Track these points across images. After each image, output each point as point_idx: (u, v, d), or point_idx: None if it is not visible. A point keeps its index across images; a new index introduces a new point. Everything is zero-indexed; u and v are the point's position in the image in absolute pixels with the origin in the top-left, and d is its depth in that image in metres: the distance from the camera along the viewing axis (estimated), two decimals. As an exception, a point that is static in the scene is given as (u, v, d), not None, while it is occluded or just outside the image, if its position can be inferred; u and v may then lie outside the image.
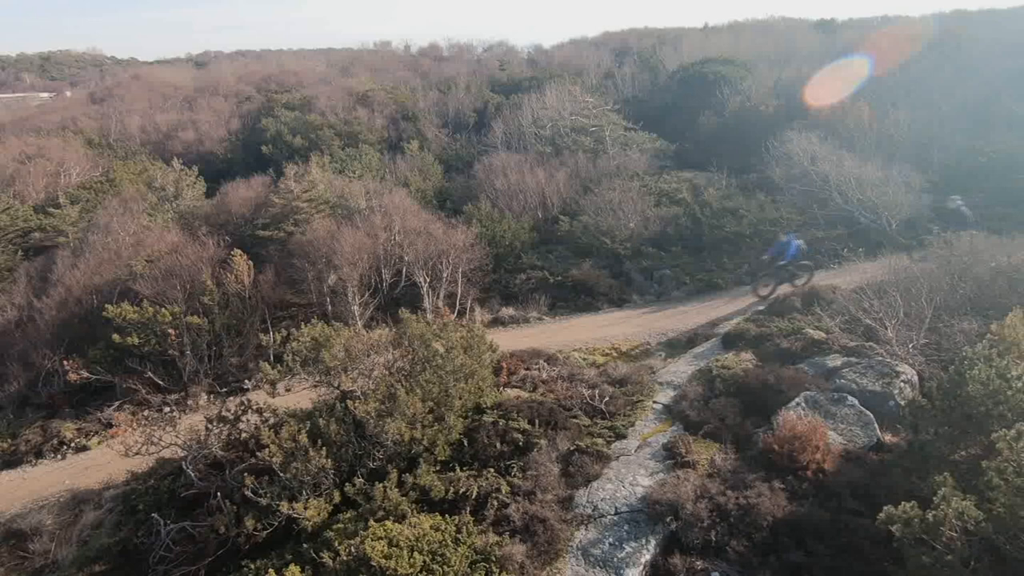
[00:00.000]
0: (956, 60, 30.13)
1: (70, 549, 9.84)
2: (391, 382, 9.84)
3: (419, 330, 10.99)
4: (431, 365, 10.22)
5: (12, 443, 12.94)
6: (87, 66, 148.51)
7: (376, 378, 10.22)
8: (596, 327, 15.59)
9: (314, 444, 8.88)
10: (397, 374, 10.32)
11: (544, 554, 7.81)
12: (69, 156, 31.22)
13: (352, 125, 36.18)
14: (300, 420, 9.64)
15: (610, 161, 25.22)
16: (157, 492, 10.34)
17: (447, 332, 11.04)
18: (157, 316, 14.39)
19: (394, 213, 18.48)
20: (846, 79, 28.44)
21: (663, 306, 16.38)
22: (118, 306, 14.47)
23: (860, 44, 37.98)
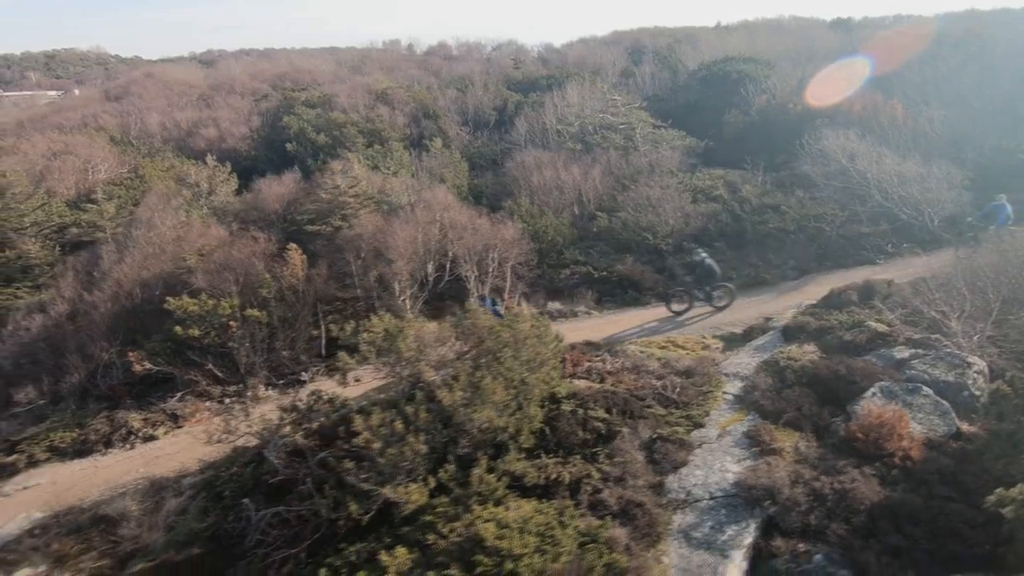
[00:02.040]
0: (980, 59, 30.31)
1: (158, 534, 10.02)
2: (471, 370, 10.00)
3: (488, 321, 11.17)
4: (504, 355, 10.39)
5: (81, 433, 13.10)
6: (92, 64, 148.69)
7: (454, 367, 10.38)
8: (646, 320, 15.76)
9: (406, 431, 9.04)
10: (469, 363, 10.47)
11: (646, 536, 7.99)
12: (95, 153, 31.36)
13: (375, 123, 36.29)
14: (384, 408, 9.80)
15: (641, 158, 25.39)
16: (241, 479, 10.51)
17: (518, 323, 11.21)
18: (217, 309, 14.57)
19: (437, 208, 18.67)
20: (848, 78, 29.00)
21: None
22: (179, 299, 14.66)
23: (877, 43, 38.30)
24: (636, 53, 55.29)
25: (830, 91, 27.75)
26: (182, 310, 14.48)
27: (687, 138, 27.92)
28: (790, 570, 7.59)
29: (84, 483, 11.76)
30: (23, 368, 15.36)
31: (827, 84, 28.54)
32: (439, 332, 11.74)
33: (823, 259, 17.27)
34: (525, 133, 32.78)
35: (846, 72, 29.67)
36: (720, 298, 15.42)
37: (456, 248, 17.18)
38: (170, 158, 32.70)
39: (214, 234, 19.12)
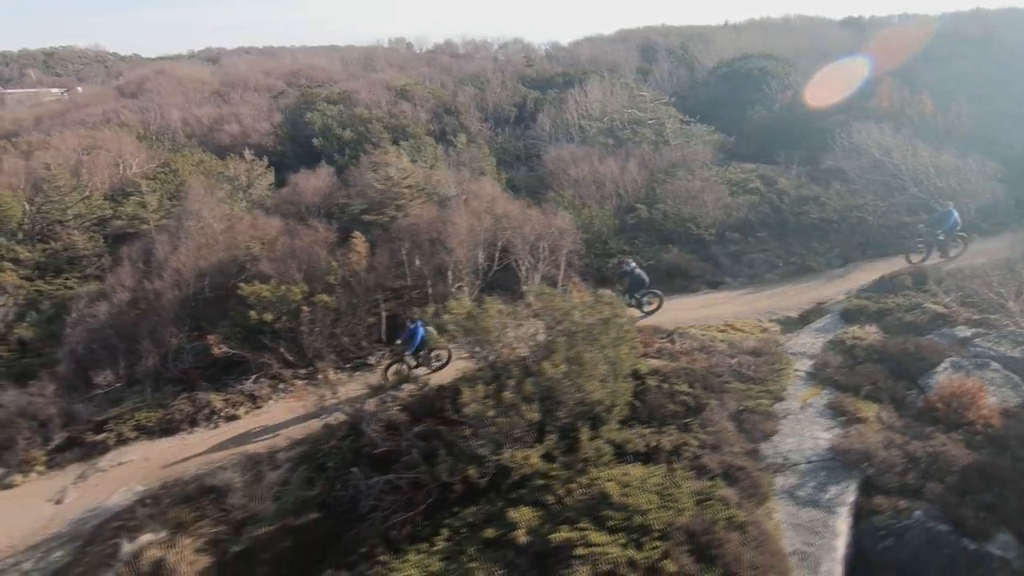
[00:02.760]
0: (998, 58, 31.09)
1: (266, 503, 10.52)
2: (568, 346, 10.53)
3: (567, 304, 11.74)
4: (597, 331, 10.93)
5: (165, 413, 13.57)
6: (91, 62, 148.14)
7: (545, 344, 10.92)
8: (700, 307, 16.33)
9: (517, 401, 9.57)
10: (563, 340, 10.99)
11: (752, 496, 8.56)
12: (124, 148, 31.78)
13: (399, 119, 36.78)
14: (487, 382, 10.33)
15: (672, 153, 25.97)
16: (340, 451, 11.03)
17: (598, 305, 11.76)
18: (288, 294, 15.07)
19: (486, 199, 19.20)
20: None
21: (760, 288, 17.14)
22: (251, 285, 15.16)
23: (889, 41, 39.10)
24: (648, 51, 55.87)
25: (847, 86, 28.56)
26: (256, 296, 14.98)
27: (715, 133, 28.50)
28: (891, 525, 8.17)
29: (178, 458, 12.23)
30: (95, 353, 15.77)
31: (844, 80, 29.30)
32: (515, 313, 12.34)
33: (866, 248, 17.88)
34: (549, 129, 33.30)
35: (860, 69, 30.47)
36: (648, 303, 15.69)
37: (510, 237, 17.68)
38: (199, 153, 33.09)
39: (261, 224, 19.52)
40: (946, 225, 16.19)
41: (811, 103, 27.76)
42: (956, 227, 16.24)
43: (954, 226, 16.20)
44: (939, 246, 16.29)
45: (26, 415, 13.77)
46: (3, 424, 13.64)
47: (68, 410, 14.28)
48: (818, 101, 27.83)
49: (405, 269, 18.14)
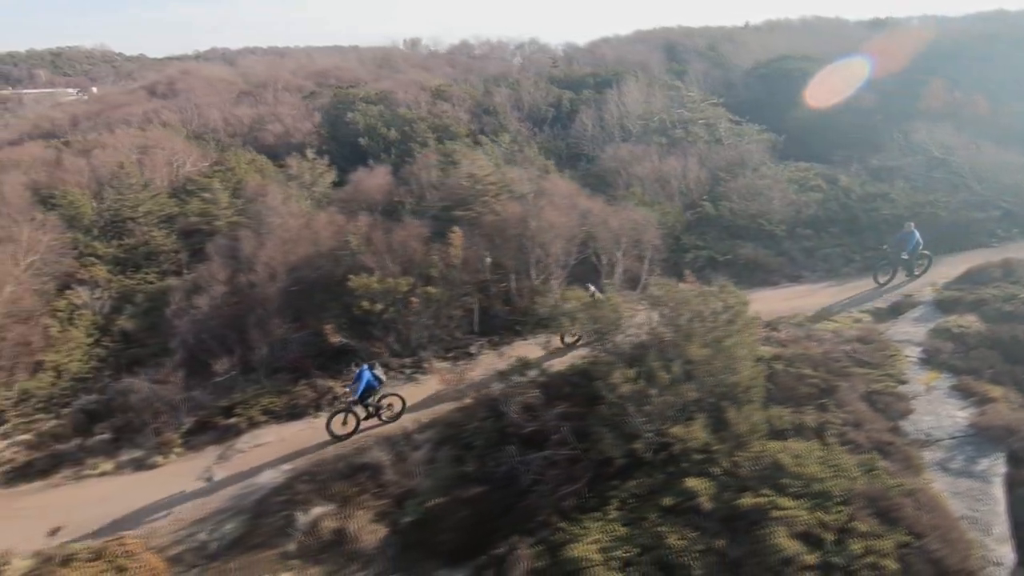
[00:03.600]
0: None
1: (418, 479, 11.16)
2: (706, 331, 11.18)
3: (686, 295, 12.40)
4: (726, 318, 11.58)
5: (290, 399, 14.21)
6: (99, 62, 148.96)
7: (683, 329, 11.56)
8: (784, 299, 16.97)
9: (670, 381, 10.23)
10: (698, 326, 11.63)
11: (908, 468, 9.21)
12: (176, 147, 32.43)
13: (441, 118, 37.46)
14: (630, 364, 10.97)
15: (727, 152, 26.63)
16: (484, 431, 11.67)
17: (722, 294, 12.41)
18: (397, 286, 15.72)
19: (564, 196, 19.86)
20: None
21: (840, 281, 17.80)
22: (359, 277, 15.81)
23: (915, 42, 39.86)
24: (672, 52, 56.67)
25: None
26: (365, 287, 15.63)
27: (765, 133, 29.16)
28: (1043, 494, 8.82)
29: (308, 440, 12.86)
30: (205, 343, 16.40)
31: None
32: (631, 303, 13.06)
33: (939, 242, 18.47)
34: (591, 128, 33.96)
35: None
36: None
37: (595, 232, 18.33)
38: (249, 152, 33.72)
39: (338, 220, 20.09)
40: (909, 246, 16.63)
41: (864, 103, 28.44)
42: (919, 247, 16.66)
43: (917, 246, 16.63)
44: (904, 266, 16.81)
45: (153, 401, 14.38)
46: (134, 409, 14.27)
47: (187, 397, 14.90)
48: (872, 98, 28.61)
49: (484, 263, 18.78)
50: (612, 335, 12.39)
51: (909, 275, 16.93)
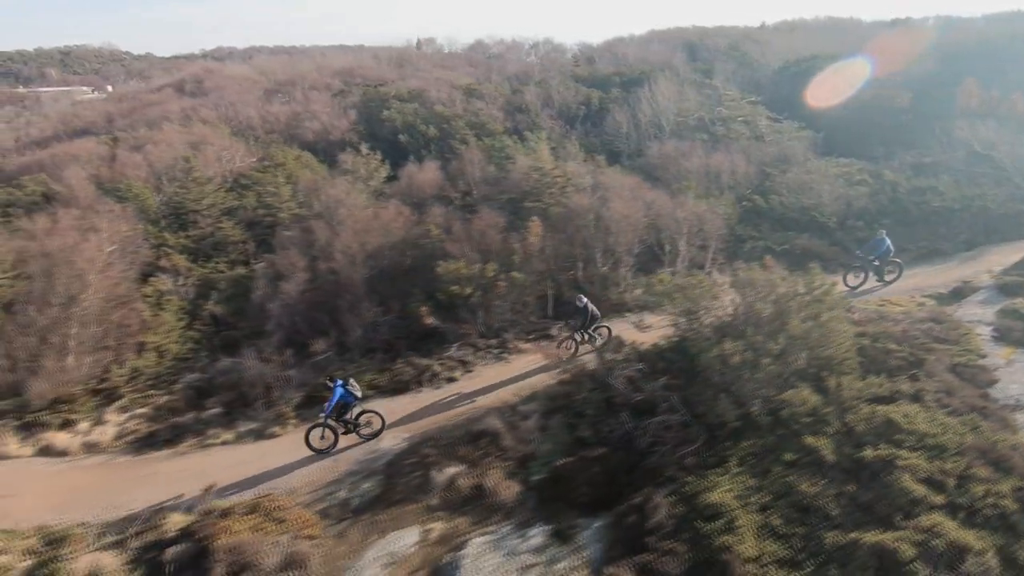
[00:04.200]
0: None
1: (533, 444, 12.12)
2: (799, 307, 12.14)
3: (773, 278, 13.38)
4: (816, 297, 12.54)
5: (393, 376, 15.18)
6: (107, 61, 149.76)
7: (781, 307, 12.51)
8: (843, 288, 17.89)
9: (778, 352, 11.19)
10: (792, 304, 12.59)
11: (1004, 428, 10.16)
12: (224, 143, 33.40)
13: (478, 116, 38.45)
14: (734, 339, 11.93)
15: (768, 148, 27.63)
16: (592, 401, 12.64)
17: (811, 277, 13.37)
18: (483, 272, 16.69)
19: (627, 188, 20.83)
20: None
21: (896, 269, 18.70)
22: (447, 263, 16.78)
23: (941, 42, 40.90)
24: (693, 51, 57.75)
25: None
26: (454, 273, 16.60)
27: (803, 130, 30.16)
28: None
29: (420, 413, 13.83)
30: (297, 325, 17.38)
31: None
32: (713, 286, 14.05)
33: (990, 233, 19.52)
34: (626, 125, 34.94)
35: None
36: (601, 336, 15.71)
37: (662, 222, 19.30)
38: (295, 149, 34.69)
39: (404, 212, 21.06)
40: (879, 251, 17.04)
41: (899, 101, 29.43)
42: (889, 253, 17.06)
43: (887, 252, 17.03)
44: (874, 271, 17.21)
45: (260, 379, 15.34)
46: (244, 385, 15.24)
47: (289, 375, 15.85)
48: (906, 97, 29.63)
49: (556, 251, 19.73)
50: (702, 314, 13.38)
51: (880, 280, 17.25)
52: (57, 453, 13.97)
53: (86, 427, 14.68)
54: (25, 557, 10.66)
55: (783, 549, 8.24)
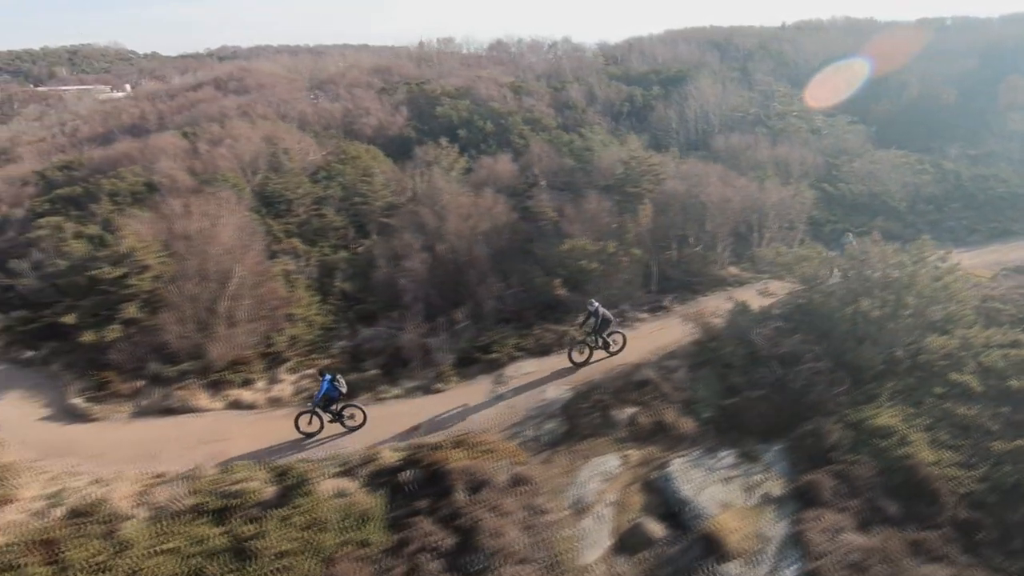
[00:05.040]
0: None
1: (693, 391, 13.95)
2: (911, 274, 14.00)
3: (885, 250, 15.26)
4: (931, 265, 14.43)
5: (535, 339, 17.01)
6: (115, 60, 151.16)
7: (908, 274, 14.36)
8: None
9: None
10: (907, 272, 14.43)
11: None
12: (294, 138, 35.19)
13: (532, 112, 40.32)
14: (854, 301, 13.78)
15: (824, 141, 29.56)
16: (738, 355, 14.48)
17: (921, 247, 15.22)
18: (606, 248, 18.53)
19: (713, 175, 22.70)
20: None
21: (971, 247, 20.72)
22: (572, 241, 18.61)
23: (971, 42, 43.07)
24: (720, 50, 59.73)
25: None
26: (581, 250, 18.43)
27: (856, 124, 32.10)
28: None
29: (563, 370, 15.66)
30: (431, 298, 19.17)
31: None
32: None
33: (1056, 215, 21.53)
34: (676, 121, 36.85)
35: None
36: (614, 343, 16.18)
37: (754, 205, 21.17)
38: (362, 144, 36.49)
39: (502, 200, 22.91)
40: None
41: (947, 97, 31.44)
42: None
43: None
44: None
45: (411, 344, 17.14)
46: (398, 350, 17.05)
47: (429, 342, 17.63)
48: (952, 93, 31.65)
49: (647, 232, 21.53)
50: (821, 281, 15.27)
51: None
52: (246, 406, 15.74)
53: (263, 385, 16.46)
54: (268, 484, 12.45)
55: (956, 456, 10.09)
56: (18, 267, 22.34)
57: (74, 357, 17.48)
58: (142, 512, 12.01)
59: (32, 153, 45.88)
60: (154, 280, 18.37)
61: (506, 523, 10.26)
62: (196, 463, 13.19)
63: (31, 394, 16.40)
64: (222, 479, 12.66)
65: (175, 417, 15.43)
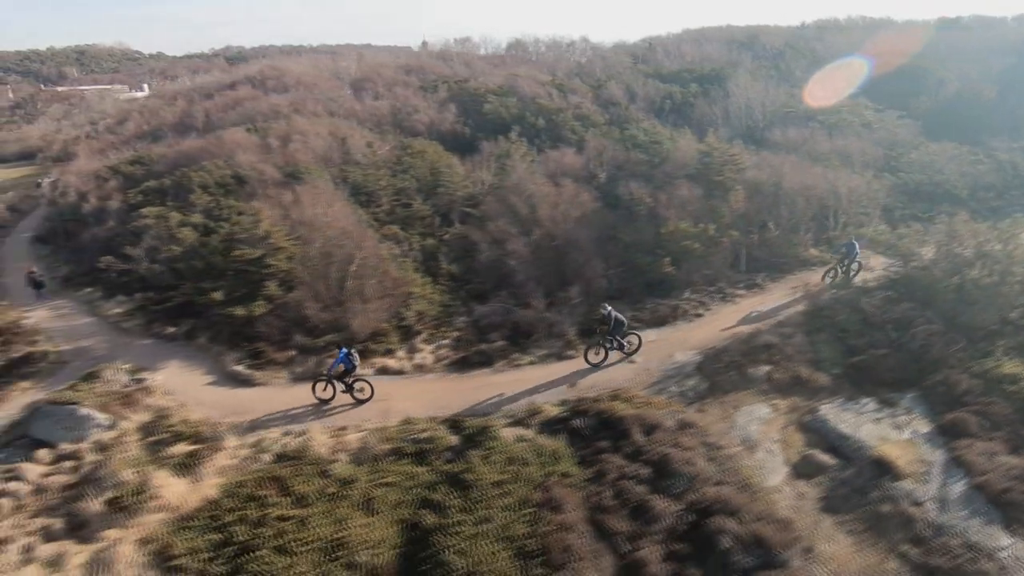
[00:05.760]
0: None
1: (814, 352, 15.60)
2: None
3: (976, 227, 16.97)
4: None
5: (651, 312, 18.65)
6: (122, 60, 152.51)
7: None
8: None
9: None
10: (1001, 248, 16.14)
11: None
12: (358, 133, 36.79)
13: (581, 108, 42.03)
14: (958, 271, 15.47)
15: (875, 134, 31.32)
16: (852, 321, 16.17)
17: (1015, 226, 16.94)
18: (706, 231, 20.20)
19: (788, 164, 24.41)
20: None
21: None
22: (674, 224, 20.27)
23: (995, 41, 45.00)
24: (748, 49, 61.57)
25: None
26: (683, 232, 20.10)
27: (904, 119, 33.90)
28: None
29: (682, 338, 17.31)
30: (540, 278, 20.81)
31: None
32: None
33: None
34: (721, 117, 38.58)
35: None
36: (629, 344, 16.98)
37: (832, 190, 22.88)
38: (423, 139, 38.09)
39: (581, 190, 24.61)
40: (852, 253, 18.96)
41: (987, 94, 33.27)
42: (857, 255, 19.06)
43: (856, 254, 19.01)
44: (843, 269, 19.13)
45: (533, 317, 18.77)
46: (519, 323, 18.66)
47: (551, 315, 19.24)
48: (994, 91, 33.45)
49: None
50: (914, 258, 17.00)
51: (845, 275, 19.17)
52: (394, 372, 17.35)
53: (403, 354, 18.06)
54: (448, 434, 14.05)
55: (1089, 395, 11.79)
56: (133, 253, 24.00)
57: (217, 331, 19.03)
58: (343, 456, 13.60)
59: (86, 151, 47.44)
60: (287, 260, 19.97)
61: (692, 455, 11.89)
62: (365, 418, 14.85)
63: (188, 364, 17.95)
64: (406, 430, 14.28)
65: (332, 382, 16.99)
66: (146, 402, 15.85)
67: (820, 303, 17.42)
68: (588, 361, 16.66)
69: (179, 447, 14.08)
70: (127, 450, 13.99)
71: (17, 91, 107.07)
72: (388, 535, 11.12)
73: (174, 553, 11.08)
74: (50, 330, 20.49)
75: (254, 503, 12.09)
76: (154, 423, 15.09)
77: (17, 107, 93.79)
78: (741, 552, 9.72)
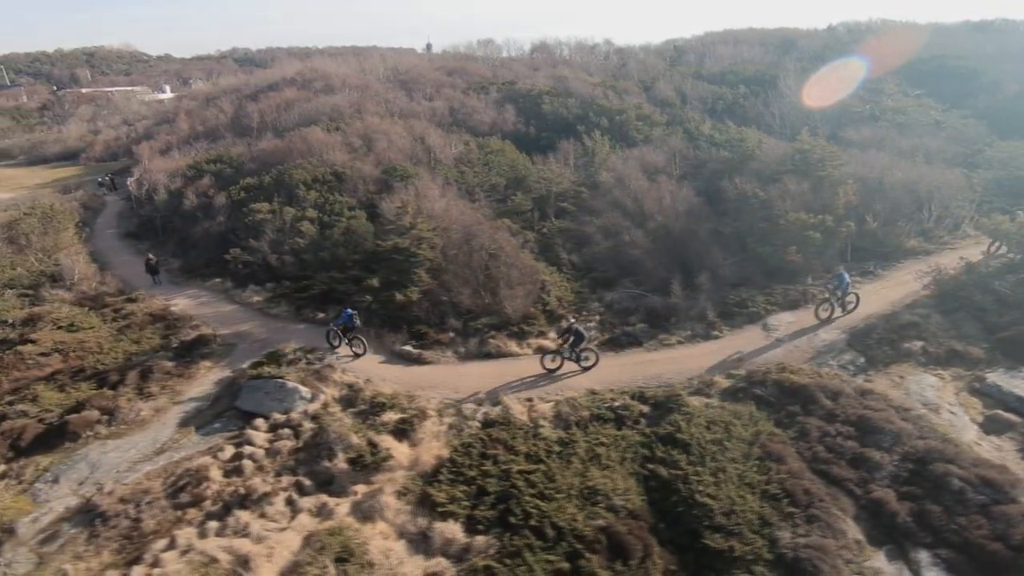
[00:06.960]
0: None
1: (957, 330, 17.08)
2: None
3: None
4: None
5: (783, 296, 20.12)
6: (131, 62, 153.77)
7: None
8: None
9: None
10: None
11: None
12: (434, 133, 38.22)
13: (642, 109, 43.60)
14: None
15: (948, 132, 32.94)
16: (985, 301, 17.65)
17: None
18: (824, 220, 21.69)
19: (880, 162, 25.93)
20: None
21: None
22: (796, 215, 21.75)
23: None
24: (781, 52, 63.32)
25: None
26: (802, 222, 21.59)
27: (968, 118, 35.50)
28: None
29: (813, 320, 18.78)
30: (664, 266, 22.27)
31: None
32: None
33: None
34: (778, 117, 40.19)
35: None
36: (586, 359, 17.53)
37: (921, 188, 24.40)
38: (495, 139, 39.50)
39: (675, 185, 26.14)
40: (841, 285, 18.70)
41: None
42: (848, 286, 18.83)
43: (847, 286, 18.77)
44: (839, 303, 18.80)
45: (670, 302, 20.23)
46: (660, 307, 20.12)
47: (685, 300, 20.68)
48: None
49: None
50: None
51: (843, 311, 18.85)
52: (552, 351, 18.72)
53: (555, 336, 19.46)
54: (636, 402, 15.46)
55: None
56: (256, 246, 25.43)
57: (368, 316, 20.39)
58: (544, 423, 15.00)
59: (147, 151, 48.77)
60: (431, 250, 21.38)
61: (887, 415, 13.35)
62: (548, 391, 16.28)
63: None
64: (594, 399, 15.70)
65: (496, 360, 18.41)
66: (333, 378, 17.21)
67: (949, 287, 18.85)
68: (544, 367, 17.55)
69: (388, 415, 15.45)
70: (340, 419, 15.37)
71: (31, 93, 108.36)
72: (630, 485, 12.52)
73: (437, 501, 12.45)
74: (200, 316, 21.86)
75: (488, 460, 13.48)
76: (351, 396, 16.49)
77: (44, 108, 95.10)
78: (972, 491, 11.16)
